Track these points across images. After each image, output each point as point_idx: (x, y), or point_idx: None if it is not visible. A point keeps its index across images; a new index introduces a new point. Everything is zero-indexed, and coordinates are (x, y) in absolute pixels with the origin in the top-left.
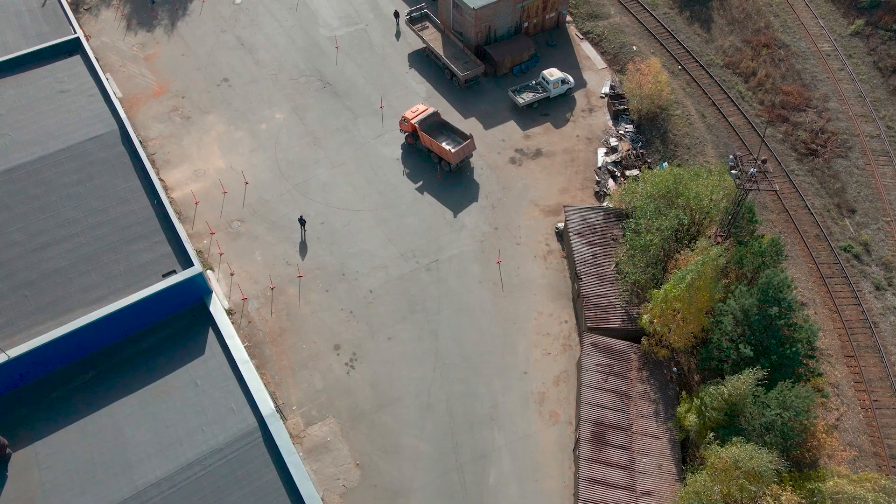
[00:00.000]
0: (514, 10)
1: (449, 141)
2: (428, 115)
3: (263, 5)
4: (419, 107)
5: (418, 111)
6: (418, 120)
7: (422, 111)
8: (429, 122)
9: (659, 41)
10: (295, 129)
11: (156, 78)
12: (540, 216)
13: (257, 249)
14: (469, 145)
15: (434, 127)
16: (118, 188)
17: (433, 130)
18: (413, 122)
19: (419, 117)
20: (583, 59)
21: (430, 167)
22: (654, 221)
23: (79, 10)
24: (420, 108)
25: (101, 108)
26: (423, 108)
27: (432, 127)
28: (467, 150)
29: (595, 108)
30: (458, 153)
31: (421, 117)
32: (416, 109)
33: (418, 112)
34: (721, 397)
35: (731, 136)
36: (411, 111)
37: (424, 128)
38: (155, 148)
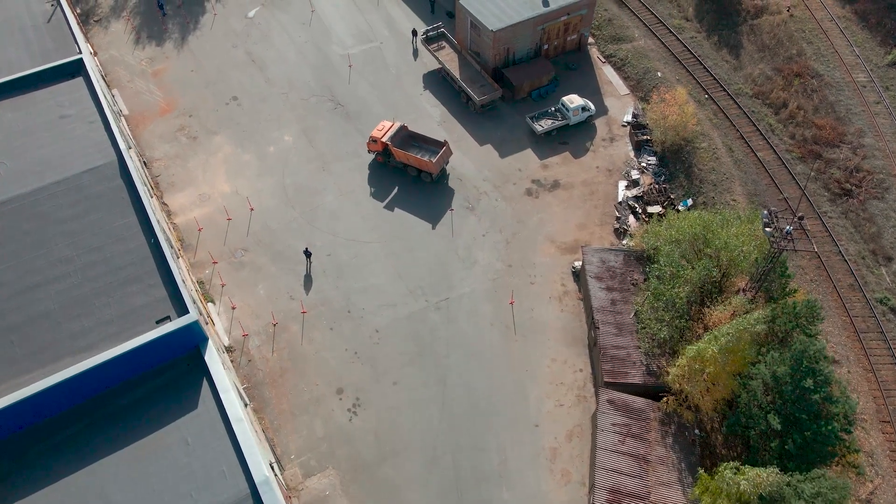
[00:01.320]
0: (535, 33)
1: (424, 152)
2: (396, 130)
3: (276, 20)
4: (385, 123)
5: (385, 128)
6: (388, 136)
7: (389, 127)
8: (399, 137)
9: (685, 67)
10: (304, 153)
11: (163, 95)
12: (556, 253)
13: (261, 282)
14: (446, 152)
15: (405, 141)
16: (114, 225)
17: (404, 144)
18: (384, 139)
19: (388, 134)
20: (604, 84)
21: (444, 196)
22: (681, 271)
23: (88, 22)
24: (386, 125)
25: (101, 137)
26: (389, 124)
27: (403, 141)
28: (445, 157)
29: (616, 138)
30: (438, 162)
31: (390, 133)
32: (382, 127)
33: (386, 129)
34: (737, 487)
35: (759, 172)
36: (378, 129)
37: (396, 143)
38: (160, 169)
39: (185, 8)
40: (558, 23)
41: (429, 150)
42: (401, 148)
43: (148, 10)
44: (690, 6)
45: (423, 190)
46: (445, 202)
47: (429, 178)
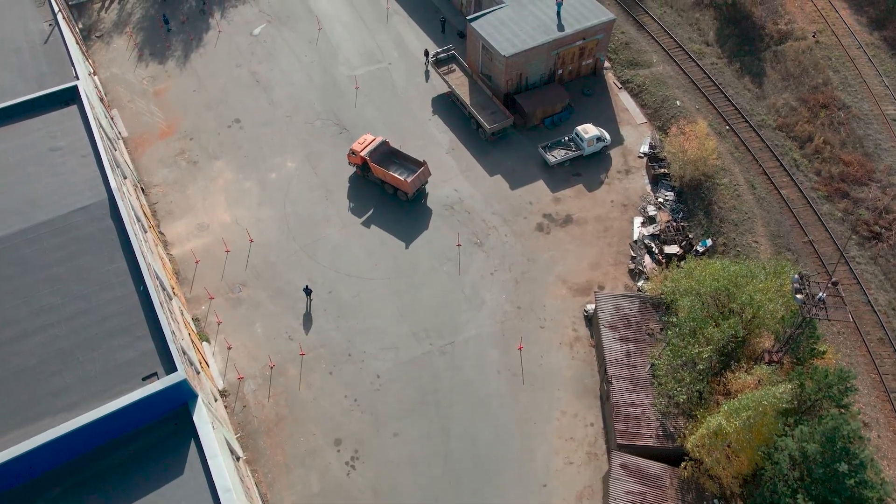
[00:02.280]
0: (549, 58)
1: (402, 170)
2: (377, 146)
3: (282, 38)
4: (367, 137)
5: (366, 142)
6: (367, 151)
7: (370, 141)
8: (379, 153)
9: (705, 95)
10: (306, 181)
11: (164, 116)
12: (567, 295)
13: (258, 320)
14: (424, 172)
15: (384, 157)
16: (102, 270)
17: (384, 160)
18: (362, 153)
19: (368, 148)
20: (620, 111)
21: (451, 230)
22: (703, 327)
23: (90, 38)
24: (368, 139)
25: (92, 173)
26: (371, 139)
27: (383, 157)
28: (423, 177)
29: (632, 170)
30: (414, 182)
31: (370, 148)
32: (363, 140)
33: (366, 143)
34: None
35: (783, 212)
36: (359, 143)
37: (375, 159)
38: (158, 196)
39: (189, 24)
40: (573, 47)
41: (408, 168)
42: (380, 163)
43: (151, 26)
44: (711, 30)
45: (430, 223)
46: (453, 237)
47: (404, 197)
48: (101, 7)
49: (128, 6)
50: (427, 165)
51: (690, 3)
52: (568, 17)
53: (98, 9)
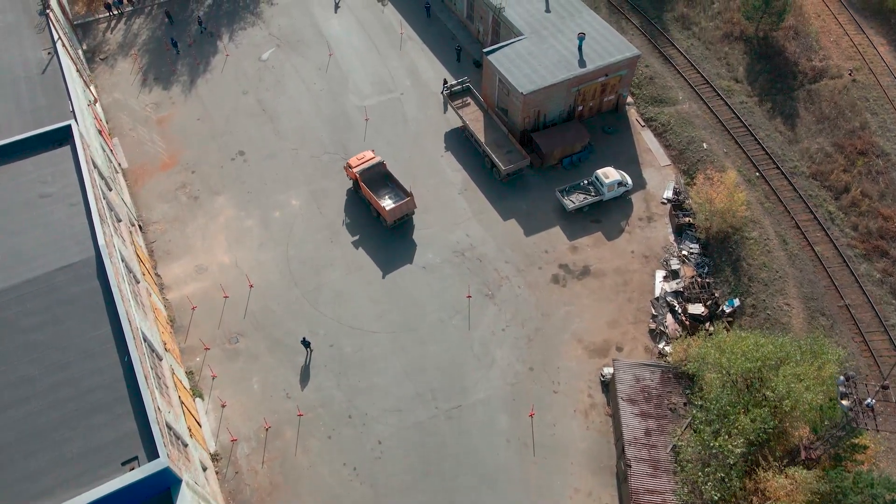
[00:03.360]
0: (569, 94)
1: (392, 196)
2: (373, 165)
3: (291, 63)
4: (367, 154)
5: (364, 159)
6: (361, 169)
7: (368, 159)
8: (372, 173)
9: (734, 138)
10: (311, 220)
11: (166, 146)
12: (583, 356)
13: (255, 374)
14: (407, 204)
15: (378, 179)
16: (85, 337)
17: (376, 182)
18: (355, 170)
19: (362, 166)
20: (643, 151)
21: (461, 279)
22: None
23: (94, 60)
24: (367, 156)
25: (81, 225)
26: (370, 157)
27: (376, 178)
28: (405, 208)
29: (655, 217)
30: (393, 211)
31: (364, 166)
32: (363, 157)
33: (364, 160)
34: None
35: (817, 271)
36: (357, 158)
37: (366, 178)
38: (156, 234)
39: (196, 47)
40: (595, 84)
41: (397, 195)
42: (371, 184)
43: (157, 48)
44: (741, 65)
45: (439, 270)
46: (463, 287)
47: (385, 224)
48: (106, 27)
49: (134, 27)
50: (413, 198)
51: (719, 35)
52: (590, 51)
53: (104, 29)
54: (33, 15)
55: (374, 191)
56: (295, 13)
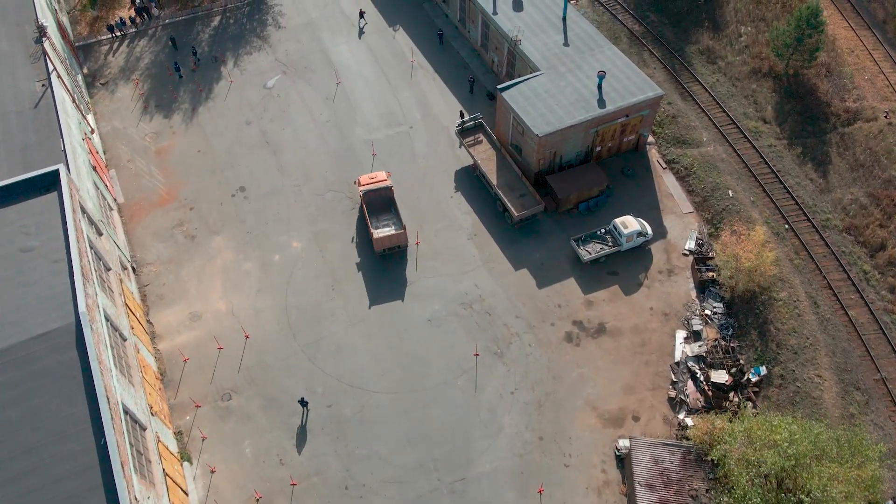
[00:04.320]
0: (587, 135)
1: (388, 224)
2: (379, 188)
3: (297, 91)
4: (379, 175)
5: (375, 179)
6: (366, 190)
7: (377, 181)
8: (377, 196)
9: (761, 185)
10: (312, 265)
11: (164, 180)
12: (597, 425)
13: (248, 437)
14: (397, 237)
15: (382, 203)
16: (60, 416)
17: (379, 207)
18: (360, 190)
19: (369, 187)
20: (664, 196)
21: (468, 335)
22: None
23: (94, 85)
24: (378, 178)
25: (62, 285)
26: (381, 178)
27: (380, 202)
28: (394, 240)
29: (675, 270)
30: (381, 241)
31: (370, 187)
32: (374, 177)
33: (374, 181)
34: None
35: (851, 338)
36: (369, 177)
37: (369, 200)
38: (150, 277)
39: (199, 72)
40: (615, 124)
41: (394, 224)
42: (375, 206)
43: (160, 73)
44: (769, 105)
45: (445, 324)
46: (470, 343)
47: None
48: (109, 50)
49: (137, 49)
50: (405, 232)
51: (746, 71)
52: (610, 90)
53: (106, 52)
54: (29, 42)
55: (374, 215)
56: (303, 38)
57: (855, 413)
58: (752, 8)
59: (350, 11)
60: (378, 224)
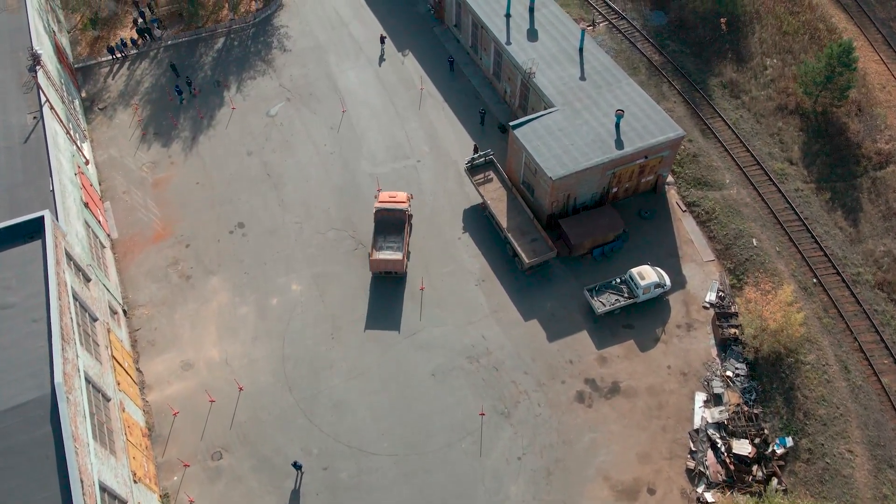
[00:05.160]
0: (603, 177)
1: (391, 247)
2: (393, 209)
3: (301, 120)
4: (400, 195)
5: (394, 198)
6: (380, 208)
7: (394, 201)
8: (390, 216)
9: (787, 233)
10: (312, 310)
11: (160, 214)
12: (609, 498)
13: (238, 501)
14: (393, 263)
15: (392, 225)
16: (32, 500)
17: (389, 228)
18: (375, 206)
19: (384, 205)
20: (684, 242)
21: (474, 392)
22: None
23: (92, 109)
24: (398, 198)
25: (40, 350)
26: (400, 199)
27: (390, 224)
28: (389, 266)
29: (695, 325)
30: (376, 262)
31: (385, 206)
32: (394, 196)
33: (392, 199)
34: None
35: (885, 409)
36: (389, 195)
37: (380, 219)
38: (142, 321)
39: (200, 98)
40: (633, 166)
41: (396, 247)
42: (384, 226)
43: (160, 98)
44: (796, 144)
45: (450, 379)
46: (476, 402)
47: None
48: (108, 72)
49: (137, 72)
50: (402, 261)
51: (772, 107)
52: (629, 130)
53: (106, 74)
54: (22, 71)
55: (382, 234)
56: (309, 62)
57: (888, 494)
58: (777, 39)
59: (358, 35)
60: (382, 245)
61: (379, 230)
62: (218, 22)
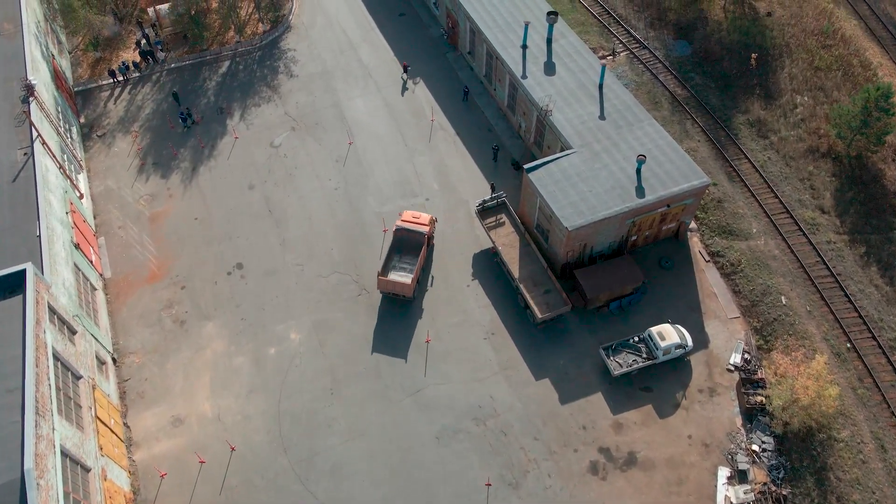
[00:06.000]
0: (622, 225)
1: (402, 270)
2: (413, 230)
3: (305, 151)
4: (423, 217)
5: (417, 219)
6: (400, 227)
7: (416, 222)
8: (408, 236)
9: (819, 290)
10: (311, 362)
11: (157, 252)
12: None
13: None
14: (402, 286)
15: (411, 246)
16: None
17: (406, 248)
18: (397, 223)
19: (405, 224)
20: (706, 296)
21: (481, 458)
22: None
23: (91, 137)
24: (421, 219)
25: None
26: (422, 222)
27: (408, 244)
28: (397, 288)
29: (718, 390)
30: (384, 283)
31: (406, 226)
32: (417, 216)
33: (415, 221)
34: None
35: None
36: (413, 215)
37: (398, 238)
38: (132, 370)
39: (202, 125)
40: (654, 215)
41: (408, 270)
42: (402, 246)
43: (161, 125)
44: (828, 191)
45: (455, 444)
46: (482, 470)
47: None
48: (109, 96)
49: (138, 97)
50: (411, 286)
51: (802, 149)
52: (651, 176)
53: (106, 98)
54: (15, 102)
55: (397, 253)
56: (316, 89)
57: None
58: (809, 75)
59: (368, 59)
60: (396, 264)
61: (395, 248)
62: (223, 44)
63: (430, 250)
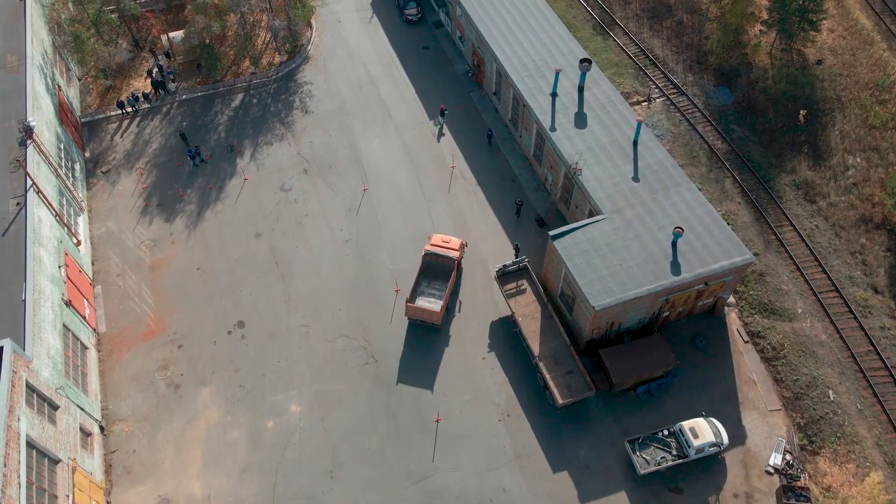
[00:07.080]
0: (654, 303)
1: (431, 296)
2: (442, 255)
3: (317, 197)
4: (454, 241)
5: (447, 244)
6: (429, 251)
7: (446, 247)
8: (437, 261)
9: (871, 386)
10: (311, 441)
11: (155, 305)
12: None
13: None
14: (430, 313)
15: (439, 272)
16: None
17: (435, 274)
18: (426, 247)
19: (434, 249)
20: (744, 382)
21: None
22: None
23: (95, 173)
24: (451, 243)
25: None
26: (453, 246)
27: (438, 270)
28: (425, 315)
29: (755, 495)
30: (412, 310)
31: (434, 251)
32: (447, 241)
33: (444, 245)
34: None
35: None
36: (443, 239)
37: (427, 263)
38: (120, 440)
39: (212, 164)
40: (690, 292)
41: (437, 296)
42: (430, 272)
43: (168, 162)
44: (882, 267)
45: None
46: None
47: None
48: (116, 128)
49: (146, 131)
50: (440, 313)
51: (854, 218)
52: (688, 251)
53: (113, 131)
54: (12, 145)
55: (426, 279)
56: (332, 127)
57: None
58: (862, 133)
59: (388, 96)
60: (425, 290)
61: (424, 274)
62: (238, 75)
63: (459, 275)
